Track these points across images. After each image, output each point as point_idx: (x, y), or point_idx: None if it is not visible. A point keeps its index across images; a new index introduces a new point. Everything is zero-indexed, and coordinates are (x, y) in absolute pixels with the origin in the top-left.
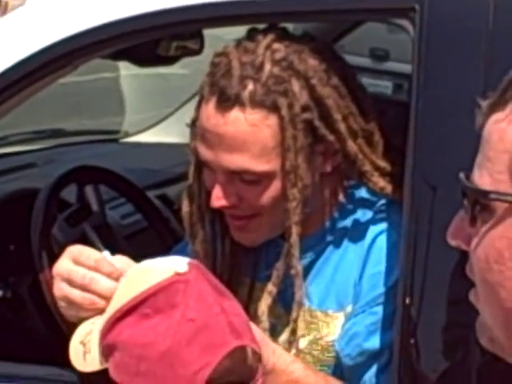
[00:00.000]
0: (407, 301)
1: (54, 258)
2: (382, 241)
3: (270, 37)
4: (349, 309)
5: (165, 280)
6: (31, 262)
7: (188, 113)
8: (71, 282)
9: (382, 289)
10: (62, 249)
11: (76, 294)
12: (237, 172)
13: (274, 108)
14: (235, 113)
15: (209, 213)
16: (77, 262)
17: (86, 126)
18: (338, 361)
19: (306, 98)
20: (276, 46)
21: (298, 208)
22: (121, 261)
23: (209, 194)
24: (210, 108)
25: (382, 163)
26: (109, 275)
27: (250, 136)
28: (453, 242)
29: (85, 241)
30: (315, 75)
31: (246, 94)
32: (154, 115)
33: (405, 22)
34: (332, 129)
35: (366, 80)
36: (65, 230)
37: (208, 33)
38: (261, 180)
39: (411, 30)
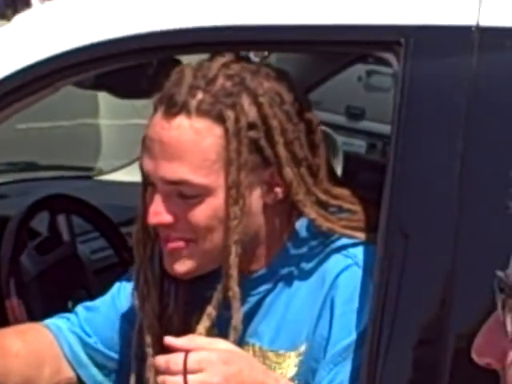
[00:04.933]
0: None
1: (21, 285)
2: (347, 278)
3: (229, 57)
4: (302, 348)
5: None
6: None
7: None
8: None
9: (354, 334)
10: (30, 277)
11: None
12: (175, 183)
13: (220, 119)
14: (180, 119)
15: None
16: None
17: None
18: None
19: (253, 115)
20: (233, 65)
21: (239, 227)
22: None
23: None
24: (157, 116)
25: (324, 197)
26: None
27: (192, 144)
28: (480, 361)
29: (54, 270)
30: (266, 95)
31: (193, 103)
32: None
33: (389, 56)
34: (274, 152)
35: (340, 138)
36: (34, 258)
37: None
38: (198, 196)
39: (395, 64)
